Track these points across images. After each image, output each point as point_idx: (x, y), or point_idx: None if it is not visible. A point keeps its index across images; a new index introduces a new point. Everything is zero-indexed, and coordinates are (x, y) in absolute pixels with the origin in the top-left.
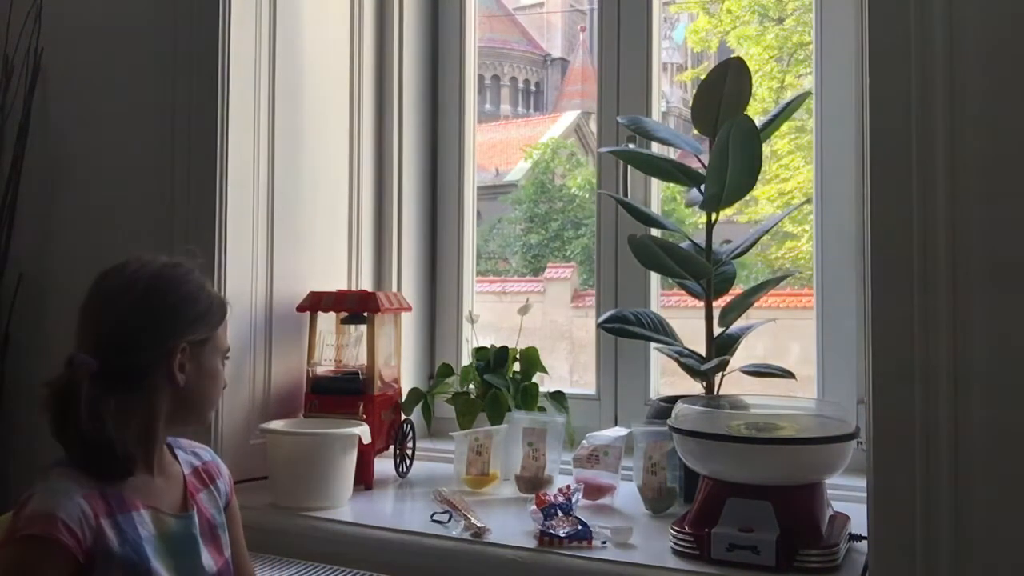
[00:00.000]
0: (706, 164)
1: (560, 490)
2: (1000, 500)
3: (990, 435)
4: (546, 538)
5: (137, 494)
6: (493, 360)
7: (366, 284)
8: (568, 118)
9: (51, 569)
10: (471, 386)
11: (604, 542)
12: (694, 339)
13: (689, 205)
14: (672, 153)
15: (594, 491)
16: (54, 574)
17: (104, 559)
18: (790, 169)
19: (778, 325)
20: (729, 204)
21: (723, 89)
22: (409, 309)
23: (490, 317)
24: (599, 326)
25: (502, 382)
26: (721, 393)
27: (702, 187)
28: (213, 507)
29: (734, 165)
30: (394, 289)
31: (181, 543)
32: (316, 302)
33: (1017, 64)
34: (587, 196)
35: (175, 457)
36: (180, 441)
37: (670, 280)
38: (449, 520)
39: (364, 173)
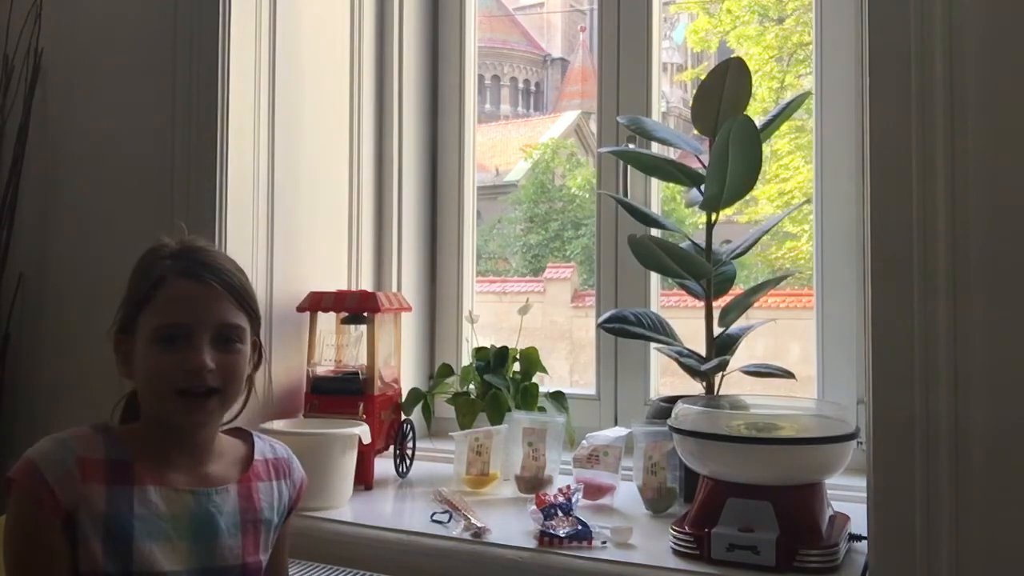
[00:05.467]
0: (706, 164)
1: (560, 490)
2: (1000, 500)
3: (990, 435)
4: (546, 538)
5: (152, 471)
6: (493, 360)
7: (366, 284)
8: (568, 118)
9: (38, 520)
10: (471, 386)
11: (604, 542)
12: (694, 339)
13: (689, 205)
14: (672, 153)
15: (594, 491)
16: (43, 524)
17: (84, 524)
18: (790, 169)
19: (778, 325)
20: (729, 204)
21: (723, 89)
22: (409, 309)
23: (490, 317)
24: (599, 326)
25: (502, 382)
26: (721, 393)
27: (702, 187)
28: (267, 501)
29: (734, 165)
30: (394, 289)
31: (201, 523)
32: (316, 302)
33: (1017, 64)
34: (587, 196)
35: (252, 445)
36: (263, 435)
37: (670, 280)
38: (449, 520)
39: (364, 173)
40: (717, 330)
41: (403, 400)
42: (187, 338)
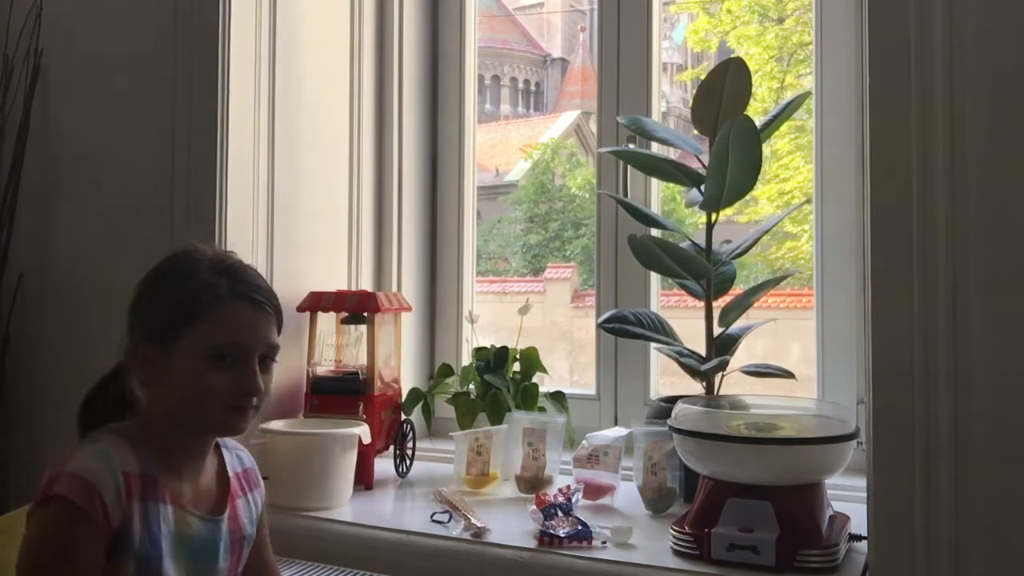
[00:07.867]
0: (706, 164)
1: (560, 490)
2: (1000, 500)
3: (990, 435)
4: (546, 538)
5: (169, 487)
6: (493, 360)
7: (366, 284)
8: (568, 118)
9: (83, 540)
10: (471, 386)
11: (604, 542)
12: (694, 339)
13: (689, 205)
14: (672, 153)
15: (594, 491)
16: (86, 545)
17: (124, 544)
18: (790, 169)
19: (778, 325)
20: (729, 204)
21: (723, 89)
22: (409, 309)
23: (490, 317)
24: (599, 326)
25: (502, 382)
26: (721, 393)
27: (702, 187)
28: (247, 517)
29: (734, 165)
30: (394, 289)
31: (200, 547)
32: (316, 302)
33: (1017, 64)
34: (587, 196)
35: (221, 456)
36: (227, 440)
37: (670, 280)
38: (449, 520)
39: (364, 173)
40: (717, 330)
41: (403, 400)
42: (241, 359)
